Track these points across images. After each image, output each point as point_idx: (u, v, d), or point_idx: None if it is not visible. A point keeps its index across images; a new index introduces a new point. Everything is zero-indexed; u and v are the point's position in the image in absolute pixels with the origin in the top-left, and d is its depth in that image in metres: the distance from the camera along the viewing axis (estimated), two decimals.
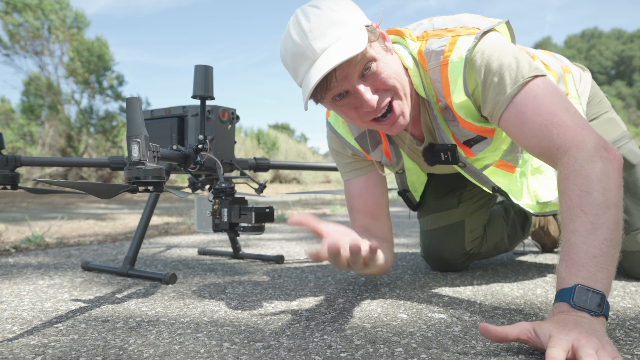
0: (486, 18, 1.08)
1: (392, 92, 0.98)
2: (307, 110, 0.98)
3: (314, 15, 0.92)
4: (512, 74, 0.94)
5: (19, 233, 2.68)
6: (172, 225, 3.25)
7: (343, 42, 0.91)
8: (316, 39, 0.91)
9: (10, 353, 0.79)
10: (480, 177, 1.20)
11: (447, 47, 0.99)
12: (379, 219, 1.22)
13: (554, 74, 1.23)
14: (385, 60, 0.97)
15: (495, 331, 0.75)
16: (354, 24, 0.93)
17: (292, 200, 6.74)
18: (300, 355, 0.76)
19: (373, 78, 0.95)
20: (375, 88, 0.96)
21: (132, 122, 0.96)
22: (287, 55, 0.97)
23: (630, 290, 1.21)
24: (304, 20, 0.93)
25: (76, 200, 7.03)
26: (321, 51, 0.91)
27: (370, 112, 0.97)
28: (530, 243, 2.02)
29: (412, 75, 1.05)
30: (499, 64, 0.95)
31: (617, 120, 1.32)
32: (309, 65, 0.93)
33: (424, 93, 1.06)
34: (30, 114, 11.92)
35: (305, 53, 0.92)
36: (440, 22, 1.06)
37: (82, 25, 12.20)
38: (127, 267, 1.41)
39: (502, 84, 0.95)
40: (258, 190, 1.45)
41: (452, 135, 1.11)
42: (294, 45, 0.94)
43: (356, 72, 0.94)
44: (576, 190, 0.83)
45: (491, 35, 0.99)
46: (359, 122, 1.02)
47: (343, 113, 1.01)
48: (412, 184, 1.34)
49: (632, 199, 1.26)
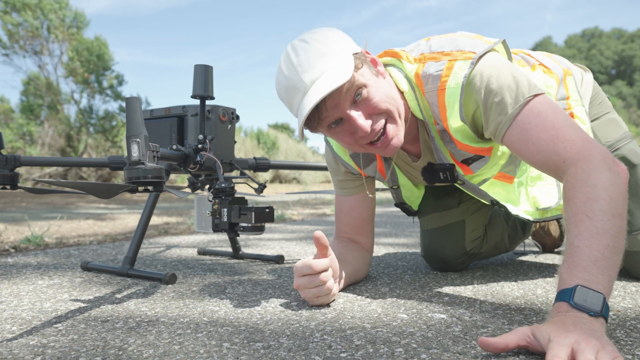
0: (482, 37, 1.10)
1: (386, 115, 1.01)
2: (302, 140, 1.03)
3: (302, 50, 0.97)
4: (512, 93, 0.96)
5: (18, 233, 2.68)
6: (171, 225, 3.24)
7: (330, 73, 0.94)
8: (305, 72, 0.96)
9: (10, 353, 0.78)
10: (479, 192, 1.22)
11: (444, 72, 1.01)
12: (362, 234, 1.31)
13: (555, 77, 1.23)
14: (376, 85, 1.00)
15: (495, 343, 0.74)
16: (342, 54, 0.97)
17: (292, 200, 6.74)
18: (300, 355, 0.76)
19: (365, 104, 0.99)
20: (368, 113, 1.00)
21: (132, 121, 0.95)
22: (281, 90, 1.02)
23: (631, 290, 1.21)
24: (293, 55, 0.98)
25: (76, 200, 7.03)
26: (310, 83, 0.95)
27: (365, 137, 1.01)
28: (530, 243, 2.02)
29: (408, 99, 1.08)
30: (499, 85, 0.97)
31: (619, 121, 1.33)
32: (301, 98, 0.97)
33: (420, 115, 1.09)
34: (30, 114, 11.92)
35: (296, 86, 0.97)
36: (437, 43, 1.08)
37: (82, 25, 12.19)
38: (127, 267, 1.40)
39: (503, 104, 0.97)
40: (258, 190, 1.45)
41: (450, 155, 1.14)
42: (285, 79, 0.99)
43: (347, 100, 0.98)
44: (582, 197, 0.83)
45: (489, 57, 1.01)
46: (355, 147, 1.06)
47: (340, 139, 1.05)
48: (407, 198, 1.38)
49: (633, 198, 1.26)
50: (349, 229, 1.30)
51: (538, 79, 1.20)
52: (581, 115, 1.23)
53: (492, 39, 1.09)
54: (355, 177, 1.29)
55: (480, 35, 1.13)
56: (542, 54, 1.32)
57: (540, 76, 1.20)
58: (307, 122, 1.00)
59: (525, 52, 1.30)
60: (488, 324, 0.92)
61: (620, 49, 47.49)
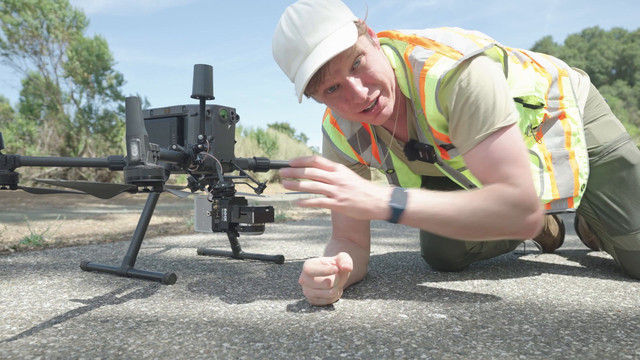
0: (476, 38, 1.09)
1: (381, 87, 1.03)
2: (301, 102, 1.04)
3: (306, 12, 0.96)
4: (486, 118, 1.00)
5: (18, 233, 2.67)
6: (171, 225, 3.24)
7: (335, 37, 0.95)
8: (308, 35, 0.95)
9: (9, 353, 0.78)
10: (458, 177, 1.24)
11: (427, 61, 1.03)
12: (359, 231, 1.31)
13: (548, 76, 1.24)
14: (373, 54, 1.02)
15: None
16: (344, 20, 0.98)
17: (292, 200, 6.74)
18: (300, 355, 0.76)
19: (363, 72, 1.00)
20: (365, 81, 1.01)
21: (132, 121, 0.95)
22: (279, 51, 1.01)
23: (631, 290, 1.21)
24: (295, 17, 0.97)
25: (75, 200, 7.03)
26: (314, 46, 0.95)
27: (361, 104, 1.02)
28: (530, 243, 2.02)
29: (398, 77, 1.09)
30: (476, 106, 1.00)
31: (616, 123, 1.33)
32: (302, 60, 0.97)
33: (408, 94, 1.10)
34: (29, 114, 11.91)
35: (298, 48, 0.96)
36: (431, 32, 1.09)
37: (82, 25, 12.18)
38: (127, 267, 1.40)
39: (474, 125, 1.01)
40: (258, 190, 1.45)
41: (431, 138, 1.15)
42: (286, 40, 0.98)
43: (347, 66, 0.98)
44: (494, 193, 0.97)
45: (476, 64, 1.02)
46: (350, 114, 1.06)
47: (335, 105, 1.05)
48: (404, 184, 1.37)
49: (632, 198, 1.26)
50: (345, 226, 1.30)
51: (529, 76, 1.20)
52: (573, 116, 1.24)
53: (486, 39, 1.09)
54: (352, 169, 1.29)
55: (476, 34, 1.12)
56: (539, 55, 1.32)
57: (531, 74, 1.20)
58: (306, 86, 0.99)
59: (521, 50, 1.30)
60: (488, 324, 0.92)
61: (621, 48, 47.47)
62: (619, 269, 1.45)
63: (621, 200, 1.26)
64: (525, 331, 0.88)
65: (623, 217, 1.26)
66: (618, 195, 1.26)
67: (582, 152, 1.23)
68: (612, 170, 1.27)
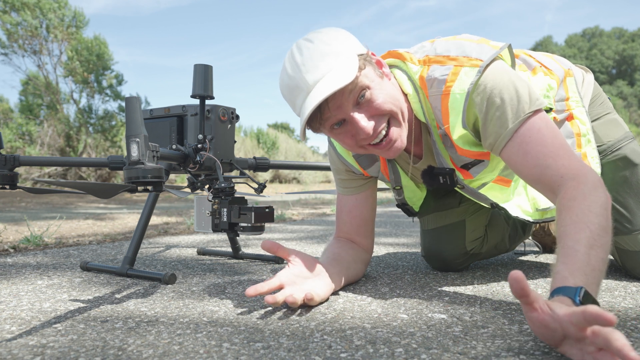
0: (488, 41, 1.08)
1: (389, 116, 1.01)
2: (304, 140, 1.04)
3: (307, 49, 0.97)
4: (513, 108, 0.98)
5: (17, 233, 2.67)
6: (171, 225, 3.24)
7: (334, 73, 0.94)
8: (308, 72, 0.95)
9: (9, 353, 0.78)
10: (479, 196, 1.23)
11: (449, 77, 1.01)
12: (362, 234, 1.30)
13: (556, 78, 1.24)
14: (380, 86, 1.00)
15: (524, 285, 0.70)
16: (346, 54, 0.97)
17: (292, 200, 6.74)
18: (300, 356, 0.76)
19: (368, 105, 0.99)
20: (370, 114, 0.99)
21: (132, 121, 0.95)
22: (284, 89, 1.02)
23: (632, 290, 1.21)
24: (297, 55, 0.98)
25: (75, 200, 7.03)
26: (313, 83, 0.95)
27: (367, 138, 1.01)
28: (530, 243, 2.02)
29: (412, 102, 1.08)
30: (501, 99, 0.98)
31: (620, 121, 1.33)
32: (304, 98, 0.97)
33: (423, 118, 1.09)
34: (29, 114, 11.90)
35: (299, 86, 0.97)
36: (442, 46, 1.07)
37: (81, 25, 12.17)
38: (126, 267, 1.40)
39: (504, 118, 0.98)
40: (258, 190, 1.45)
41: (450, 160, 1.14)
42: (289, 78, 0.98)
43: (350, 101, 0.97)
44: (584, 209, 0.87)
45: (494, 66, 1.01)
46: (357, 149, 1.05)
47: (341, 141, 1.05)
48: (409, 199, 1.37)
49: (635, 198, 1.26)
50: (349, 228, 1.30)
51: (539, 82, 1.19)
52: (581, 116, 1.23)
53: (498, 43, 1.08)
54: (357, 177, 1.29)
55: (486, 39, 1.12)
56: (543, 55, 1.32)
57: (541, 79, 1.20)
58: (310, 123, 1.00)
59: (526, 53, 1.29)
60: (488, 324, 0.92)
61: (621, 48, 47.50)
62: (619, 268, 1.45)
63: (624, 200, 1.26)
64: (526, 331, 0.88)
65: (625, 216, 1.26)
66: (621, 195, 1.26)
67: (594, 152, 1.22)
68: (616, 170, 1.26)
